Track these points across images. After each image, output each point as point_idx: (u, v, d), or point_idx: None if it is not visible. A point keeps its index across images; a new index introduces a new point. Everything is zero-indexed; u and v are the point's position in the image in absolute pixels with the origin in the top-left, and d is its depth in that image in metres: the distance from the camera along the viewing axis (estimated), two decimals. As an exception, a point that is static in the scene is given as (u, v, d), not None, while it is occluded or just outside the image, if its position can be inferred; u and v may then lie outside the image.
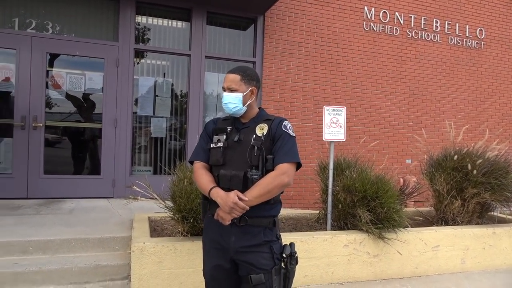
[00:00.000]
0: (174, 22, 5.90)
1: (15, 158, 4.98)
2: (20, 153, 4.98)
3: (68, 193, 5.13)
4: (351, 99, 6.51)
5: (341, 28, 6.46)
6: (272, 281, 1.90)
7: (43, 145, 5.09)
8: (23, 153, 4.99)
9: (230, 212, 1.86)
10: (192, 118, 5.74)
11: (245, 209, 1.86)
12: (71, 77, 5.34)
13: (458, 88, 7.28)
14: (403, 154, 6.84)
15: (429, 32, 7.03)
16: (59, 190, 5.11)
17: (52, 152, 5.32)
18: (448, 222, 4.47)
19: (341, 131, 4.03)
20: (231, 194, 1.87)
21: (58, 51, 5.23)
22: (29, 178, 5.01)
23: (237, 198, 1.85)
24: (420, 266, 3.99)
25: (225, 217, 1.89)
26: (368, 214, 3.72)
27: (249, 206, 1.87)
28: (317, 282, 3.61)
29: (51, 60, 5.26)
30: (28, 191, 5.00)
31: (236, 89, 2.03)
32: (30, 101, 5.01)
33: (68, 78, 5.34)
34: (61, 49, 5.22)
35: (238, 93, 2.02)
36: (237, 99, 2.02)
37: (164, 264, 3.14)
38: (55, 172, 5.25)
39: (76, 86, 5.37)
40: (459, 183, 4.39)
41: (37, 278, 3.10)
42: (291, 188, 6.01)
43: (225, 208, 1.87)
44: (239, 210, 1.86)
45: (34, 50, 5.05)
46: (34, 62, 5.05)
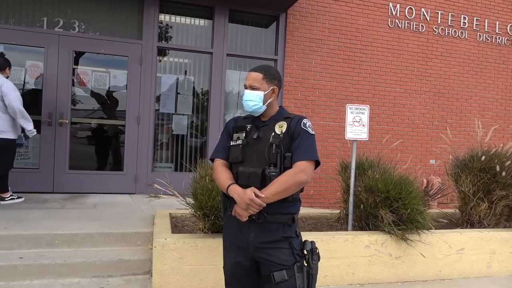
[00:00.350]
0: (197, 20, 5.93)
1: (42, 153, 5.14)
2: (47, 149, 5.13)
3: (92, 189, 5.26)
4: (374, 97, 6.40)
5: (365, 25, 6.34)
6: (295, 278, 1.88)
7: (68, 141, 5.23)
8: (50, 149, 5.14)
9: (246, 209, 1.86)
10: (213, 116, 5.77)
11: (262, 205, 1.85)
12: (96, 74, 5.46)
13: (486, 86, 7.03)
14: (427, 154, 6.68)
15: (456, 29, 6.82)
16: (84, 186, 5.25)
17: (77, 148, 5.46)
18: (474, 225, 4.34)
19: (364, 130, 3.97)
20: (247, 190, 1.87)
21: (84, 49, 5.35)
22: (55, 173, 5.16)
23: (253, 195, 1.84)
24: (444, 269, 3.89)
25: (242, 214, 1.90)
26: (391, 215, 3.65)
27: (266, 203, 1.86)
28: (337, 283, 3.57)
29: (77, 58, 5.39)
30: (54, 185, 5.15)
31: (258, 88, 2.04)
32: (57, 98, 5.15)
33: (93, 75, 5.46)
34: (87, 47, 5.34)
35: (259, 92, 2.03)
36: (258, 98, 2.03)
37: (185, 260, 3.17)
38: (79, 168, 5.41)
39: (101, 83, 5.49)
40: (486, 185, 4.25)
41: (62, 270, 3.19)
42: (311, 187, 5.97)
43: (242, 205, 1.87)
44: (256, 207, 1.85)
45: (61, 48, 5.18)
46: (61, 60, 5.19)
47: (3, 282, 3.06)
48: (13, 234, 3.42)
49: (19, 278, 3.09)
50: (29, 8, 5.21)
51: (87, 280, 3.21)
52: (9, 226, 3.59)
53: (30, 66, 5.21)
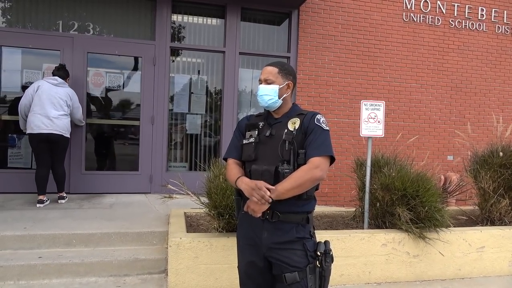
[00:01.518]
0: (209, 20, 5.94)
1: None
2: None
3: (108, 189, 5.32)
4: (389, 93, 6.30)
5: (379, 20, 6.24)
6: (307, 280, 1.86)
7: (84, 143, 5.30)
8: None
9: (250, 195, 1.83)
10: (227, 115, 5.78)
11: (266, 191, 1.80)
12: (110, 75, 5.52)
13: (505, 80, 6.84)
14: (444, 150, 6.54)
15: (473, 21, 6.65)
16: (100, 186, 5.31)
17: (92, 149, 5.54)
18: (494, 222, 4.23)
19: (380, 127, 3.90)
20: (257, 182, 1.85)
21: (98, 51, 5.41)
22: (71, 174, 5.23)
23: (261, 184, 1.82)
24: (463, 268, 3.81)
25: (254, 208, 1.85)
26: (408, 213, 3.58)
27: (278, 198, 1.83)
28: (354, 282, 3.53)
29: (91, 59, 5.46)
30: (71, 186, 5.23)
31: (273, 81, 2.02)
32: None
33: (107, 76, 5.52)
34: (101, 49, 5.40)
35: (274, 85, 2.01)
36: (273, 91, 2.00)
37: (200, 259, 3.18)
38: (95, 168, 5.49)
39: (115, 84, 5.55)
40: (507, 181, 4.14)
41: (80, 270, 3.24)
42: (326, 185, 5.92)
43: (248, 192, 1.85)
44: (260, 193, 1.80)
45: (75, 50, 5.26)
46: (76, 62, 5.26)
47: (24, 281, 3.13)
48: (32, 234, 3.49)
49: (38, 277, 3.16)
50: (45, 12, 5.29)
51: (104, 279, 3.26)
52: (28, 226, 3.67)
53: (46, 69, 5.29)
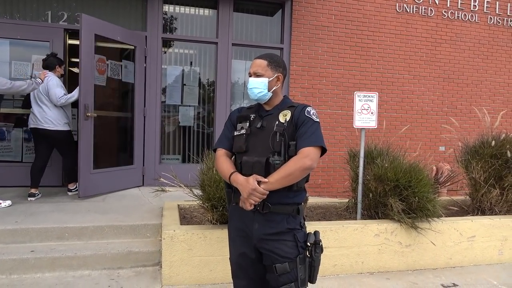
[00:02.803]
0: (201, 10, 5.87)
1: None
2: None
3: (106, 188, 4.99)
4: (382, 84, 6.30)
5: (372, 11, 6.22)
6: (297, 270, 1.88)
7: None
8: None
9: (248, 197, 1.85)
10: (220, 107, 5.75)
11: (265, 194, 1.84)
12: (100, 65, 5.42)
13: (497, 70, 6.88)
14: (436, 141, 6.59)
15: (466, 12, 6.66)
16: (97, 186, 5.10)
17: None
18: (485, 212, 4.29)
19: (373, 118, 3.91)
20: (250, 179, 1.85)
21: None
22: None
23: (256, 184, 1.83)
24: (454, 257, 3.86)
25: (245, 202, 1.88)
26: (400, 204, 3.61)
27: (270, 189, 1.85)
28: (347, 272, 3.56)
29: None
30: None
31: (262, 74, 2.02)
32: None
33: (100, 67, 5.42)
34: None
35: (263, 78, 2.01)
36: (263, 84, 2.01)
37: (194, 251, 3.19)
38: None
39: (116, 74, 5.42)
40: (498, 171, 4.19)
41: (73, 263, 3.23)
42: (319, 176, 5.94)
43: (244, 194, 1.86)
44: (258, 196, 1.84)
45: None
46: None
47: (16, 275, 3.12)
48: (24, 227, 3.46)
49: (31, 271, 3.14)
50: (33, 2, 5.19)
51: (98, 272, 3.25)
52: (20, 220, 3.64)
53: (36, 61, 5.21)
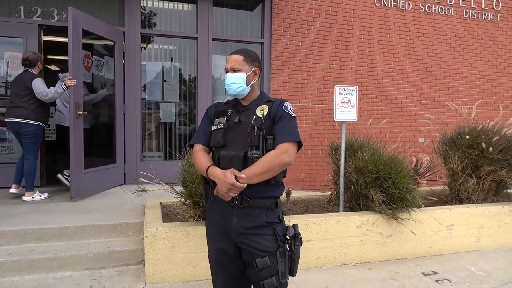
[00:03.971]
0: (180, 5, 5.79)
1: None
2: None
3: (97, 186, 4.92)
4: (362, 78, 6.37)
5: (351, 5, 6.26)
6: (277, 263, 1.89)
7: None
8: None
9: (227, 192, 1.86)
10: (201, 102, 5.70)
11: (243, 188, 1.84)
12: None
13: (472, 63, 7.05)
14: (416, 133, 6.72)
15: (443, 6, 6.78)
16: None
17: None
18: (462, 201, 4.41)
19: (353, 111, 3.95)
20: (227, 173, 1.85)
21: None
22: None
23: (234, 179, 1.83)
24: (434, 246, 3.96)
25: (224, 195, 1.88)
26: (381, 195, 3.67)
27: (248, 183, 1.85)
28: (330, 264, 3.61)
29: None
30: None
31: (240, 69, 2.02)
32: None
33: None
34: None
35: (241, 73, 2.01)
36: (241, 79, 2.01)
37: (177, 248, 3.16)
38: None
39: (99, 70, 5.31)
40: (474, 161, 4.30)
41: (53, 264, 3.16)
42: (302, 170, 5.98)
43: (223, 189, 1.86)
44: (237, 190, 1.85)
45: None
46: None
47: (-7, 278, 3.03)
48: (1, 230, 3.37)
49: (9, 274, 3.06)
50: (4, -3, 5.02)
51: (79, 273, 3.20)
52: (-4, 222, 3.54)
53: (9, 58, 5.05)
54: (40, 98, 4.38)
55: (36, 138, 4.47)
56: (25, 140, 4.41)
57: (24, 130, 4.37)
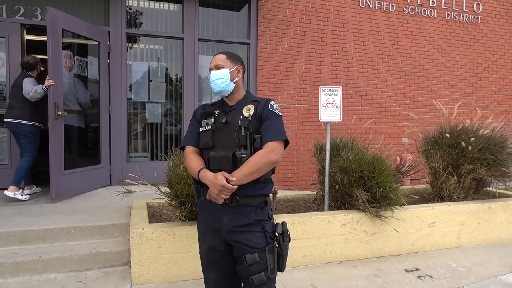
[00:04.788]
0: (166, 5, 5.77)
1: (12, 149, 4.94)
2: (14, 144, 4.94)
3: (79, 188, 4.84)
4: (347, 78, 6.46)
5: (336, 6, 6.34)
6: (266, 259, 1.94)
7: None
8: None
9: (219, 194, 1.89)
10: (188, 103, 5.70)
11: (233, 189, 1.88)
12: (65, 61, 5.23)
13: (454, 64, 7.21)
14: (399, 132, 6.84)
15: (425, 8, 6.92)
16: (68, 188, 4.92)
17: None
18: (444, 199, 4.52)
19: (338, 112, 4.02)
20: (218, 176, 1.89)
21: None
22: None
23: (224, 181, 1.86)
24: (416, 243, 4.05)
25: (216, 198, 1.92)
26: (365, 194, 3.74)
27: (239, 184, 1.89)
28: (316, 262, 3.66)
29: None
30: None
31: (223, 66, 2.08)
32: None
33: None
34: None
35: (225, 69, 2.07)
36: (225, 75, 2.06)
37: (164, 249, 3.17)
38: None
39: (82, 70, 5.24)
40: (455, 160, 4.41)
41: (38, 267, 3.14)
42: (288, 169, 6.03)
43: (214, 191, 1.90)
44: (228, 192, 1.88)
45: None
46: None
47: (-24, 282, 2.99)
48: (-17, 232, 3.32)
49: (-8, 277, 3.03)
50: (-15, -5, 4.93)
51: (64, 275, 3.18)
52: (-21, 225, 3.49)
53: (-7, 58, 4.97)
54: (28, 98, 4.45)
55: (33, 138, 4.55)
56: (22, 139, 4.52)
57: (20, 130, 4.47)
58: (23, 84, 4.48)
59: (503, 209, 4.44)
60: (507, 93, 7.67)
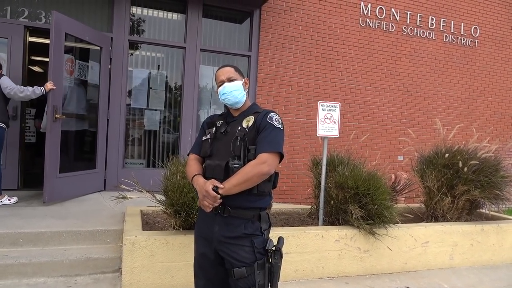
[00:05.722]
0: (170, 14, 5.84)
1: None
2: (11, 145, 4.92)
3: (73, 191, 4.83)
4: (346, 95, 6.53)
5: (337, 24, 6.44)
6: (255, 275, 1.90)
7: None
8: (15, 145, 4.94)
9: (202, 199, 1.91)
10: (186, 111, 5.72)
11: (216, 198, 1.87)
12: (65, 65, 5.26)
13: (451, 85, 7.32)
14: (395, 150, 6.89)
15: (424, 29, 7.05)
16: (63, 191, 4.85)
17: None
18: (438, 219, 4.53)
19: (335, 127, 4.05)
20: (207, 183, 1.91)
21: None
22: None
23: (209, 187, 1.88)
24: (409, 262, 4.05)
25: (203, 204, 1.92)
26: (360, 211, 3.75)
27: (227, 194, 1.89)
28: (308, 277, 3.64)
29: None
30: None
31: (235, 78, 2.11)
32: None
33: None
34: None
35: (238, 81, 2.11)
36: (240, 86, 2.10)
37: (156, 257, 3.15)
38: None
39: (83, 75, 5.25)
40: (449, 180, 4.44)
41: (27, 270, 3.09)
42: (284, 183, 6.04)
43: (200, 196, 1.94)
44: (211, 199, 1.87)
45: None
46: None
47: (-37, 283, 2.95)
48: (-27, 233, 3.28)
49: (-20, 279, 2.98)
50: (-9, -4, 4.97)
51: (54, 279, 3.13)
52: (-31, 225, 3.45)
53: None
54: (12, 94, 4.21)
55: (3, 140, 4.30)
56: None
57: None
58: (4, 83, 4.22)
59: (496, 232, 4.46)
60: (502, 116, 7.78)
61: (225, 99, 2.10)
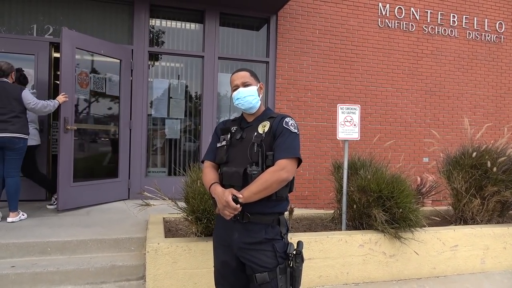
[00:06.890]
0: (187, 24, 5.95)
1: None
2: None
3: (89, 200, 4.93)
4: (366, 97, 6.43)
5: (355, 26, 6.38)
6: (277, 280, 1.89)
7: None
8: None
9: (223, 209, 1.90)
10: (206, 119, 5.78)
11: (237, 209, 1.87)
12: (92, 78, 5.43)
13: (476, 84, 7.09)
14: (420, 152, 6.71)
15: (446, 27, 6.88)
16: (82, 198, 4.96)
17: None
18: (467, 221, 4.37)
19: (356, 130, 3.98)
20: (226, 192, 1.90)
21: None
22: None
23: (230, 198, 1.86)
24: (438, 266, 3.91)
25: (224, 213, 1.92)
26: (384, 214, 3.66)
27: (247, 202, 1.88)
28: (332, 283, 3.57)
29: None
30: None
31: (250, 83, 2.10)
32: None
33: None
34: (78, 53, 5.31)
35: (253, 86, 2.10)
36: (254, 91, 2.09)
37: (179, 264, 3.16)
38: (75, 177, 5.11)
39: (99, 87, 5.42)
40: (478, 181, 4.28)
41: (55, 278, 3.17)
42: (305, 187, 5.98)
43: (220, 206, 1.92)
44: (231, 210, 1.87)
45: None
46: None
47: (-5, 291, 3.05)
48: (4, 242, 3.40)
49: (11, 287, 3.07)
50: (18, 15, 5.20)
51: (81, 287, 3.20)
52: (0, 235, 3.57)
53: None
54: (37, 109, 4.20)
55: (24, 153, 4.25)
56: (14, 156, 4.10)
57: (18, 145, 4.08)
58: (27, 97, 4.14)
59: (530, 234, 4.25)
60: (533, 113, 7.46)
61: (239, 104, 2.10)
